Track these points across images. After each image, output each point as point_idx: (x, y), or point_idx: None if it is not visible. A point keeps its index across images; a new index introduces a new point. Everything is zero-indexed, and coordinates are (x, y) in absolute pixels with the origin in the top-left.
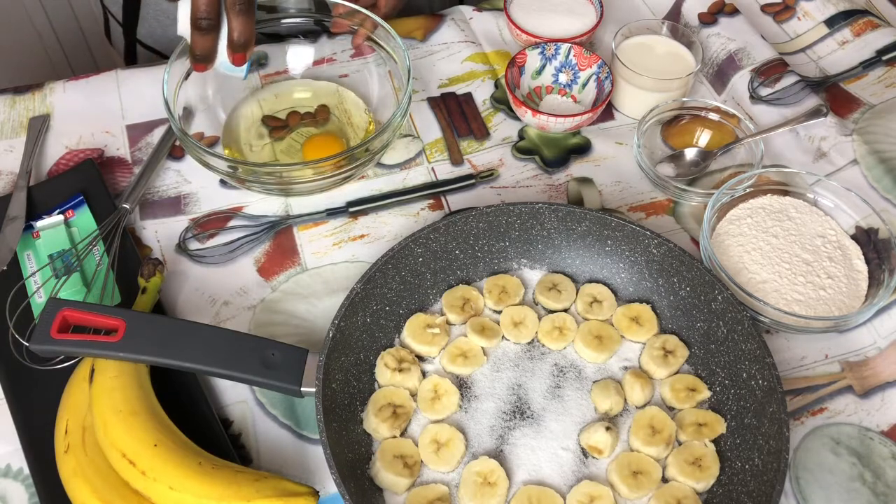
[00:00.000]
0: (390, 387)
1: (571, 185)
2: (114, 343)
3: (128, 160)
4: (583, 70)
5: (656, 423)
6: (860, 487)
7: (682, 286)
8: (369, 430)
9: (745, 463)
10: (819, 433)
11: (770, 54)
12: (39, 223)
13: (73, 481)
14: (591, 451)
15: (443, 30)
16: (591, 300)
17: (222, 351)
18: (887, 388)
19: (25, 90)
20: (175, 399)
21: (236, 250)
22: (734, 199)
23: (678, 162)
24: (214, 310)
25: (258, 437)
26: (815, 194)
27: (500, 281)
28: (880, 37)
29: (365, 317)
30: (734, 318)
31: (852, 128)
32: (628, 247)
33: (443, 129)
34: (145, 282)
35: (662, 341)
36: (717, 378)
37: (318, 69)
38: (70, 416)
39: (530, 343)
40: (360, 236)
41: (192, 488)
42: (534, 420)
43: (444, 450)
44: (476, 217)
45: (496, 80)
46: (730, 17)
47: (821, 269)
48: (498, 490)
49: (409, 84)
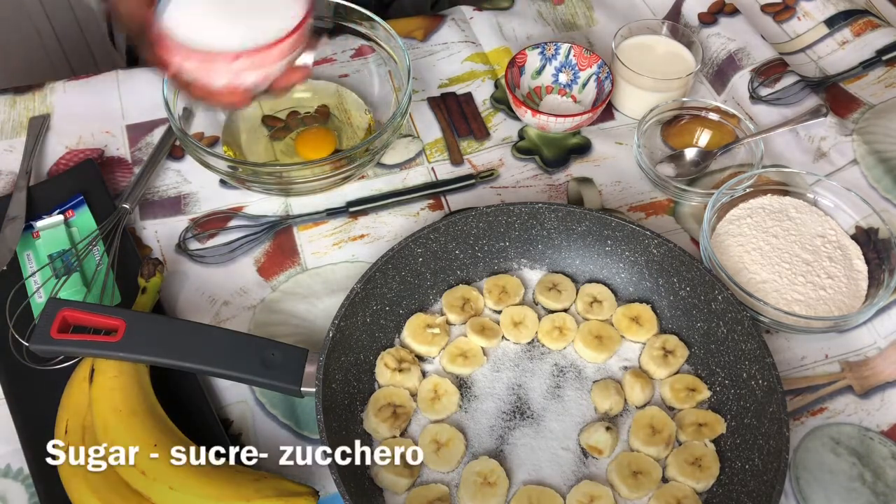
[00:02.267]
0: (390, 387)
1: (571, 185)
2: (114, 343)
3: (128, 160)
4: (583, 70)
5: (656, 423)
6: (860, 487)
7: (682, 286)
8: (369, 430)
9: (745, 463)
10: (819, 433)
11: (770, 54)
12: (39, 223)
13: (73, 481)
14: (591, 451)
15: (443, 30)
16: (591, 300)
17: (222, 351)
18: (887, 388)
19: (25, 90)
20: (175, 399)
21: (236, 250)
22: (734, 199)
23: (678, 162)
24: (214, 310)
25: (258, 437)
26: (815, 194)
27: (500, 281)
28: (880, 37)
29: (365, 317)
30: (734, 318)
31: (852, 128)
32: (628, 247)
33: (443, 129)
34: (145, 282)
35: (662, 341)
36: (717, 378)
37: (318, 69)
38: (70, 416)
39: (530, 343)
40: (360, 236)
41: (192, 488)
42: (534, 420)
43: (444, 450)
44: (476, 217)
45: (496, 80)
46: (730, 17)
47: (821, 269)
48: (498, 490)
49: (409, 84)
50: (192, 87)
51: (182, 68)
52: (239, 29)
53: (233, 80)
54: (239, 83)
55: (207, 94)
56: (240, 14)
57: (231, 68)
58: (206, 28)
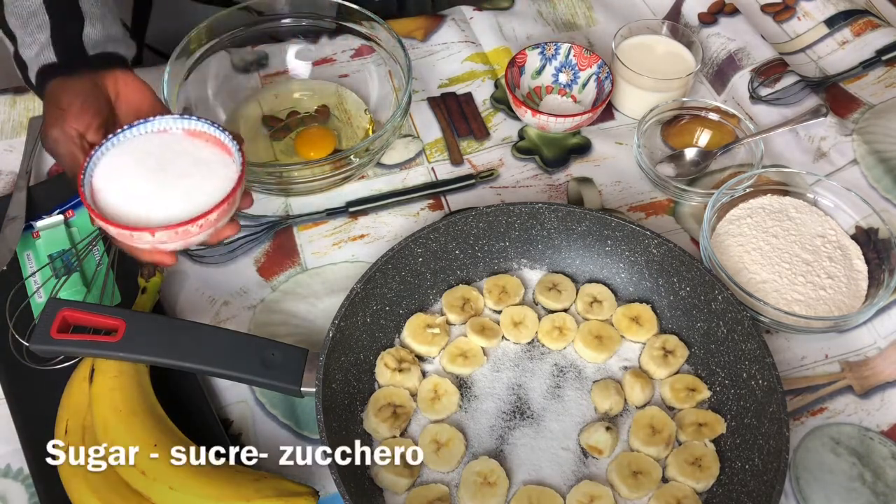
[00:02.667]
0: (390, 387)
1: (571, 185)
2: (114, 343)
3: None
4: (583, 70)
5: (656, 423)
6: (860, 487)
7: (682, 286)
8: (369, 430)
9: (745, 463)
10: (819, 433)
11: (770, 54)
12: (39, 223)
13: (73, 481)
14: (591, 451)
15: (443, 30)
16: (591, 300)
17: (222, 351)
18: (887, 388)
19: (25, 90)
20: (175, 399)
21: (236, 250)
22: (734, 199)
23: (678, 162)
24: (214, 310)
25: (258, 437)
26: (815, 194)
27: (500, 281)
28: (880, 37)
29: (365, 317)
30: (734, 318)
31: (852, 128)
32: (628, 247)
33: (443, 129)
34: (145, 282)
35: (662, 341)
36: (717, 378)
37: (318, 69)
38: (70, 416)
39: (530, 343)
40: (360, 236)
41: (192, 488)
42: (534, 420)
43: (444, 450)
44: (476, 217)
45: (496, 80)
46: (730, 17)
47: (821, 269)
48: (498, 490)
49: (409, 84)
50: (117, 242)
51: (106, 230)
52: (162, 201)
53: (155, 246)
54: (162, 248)
55: (130, 249)
56: (166, 183)
57: (152, 239)
58: (129, 197)
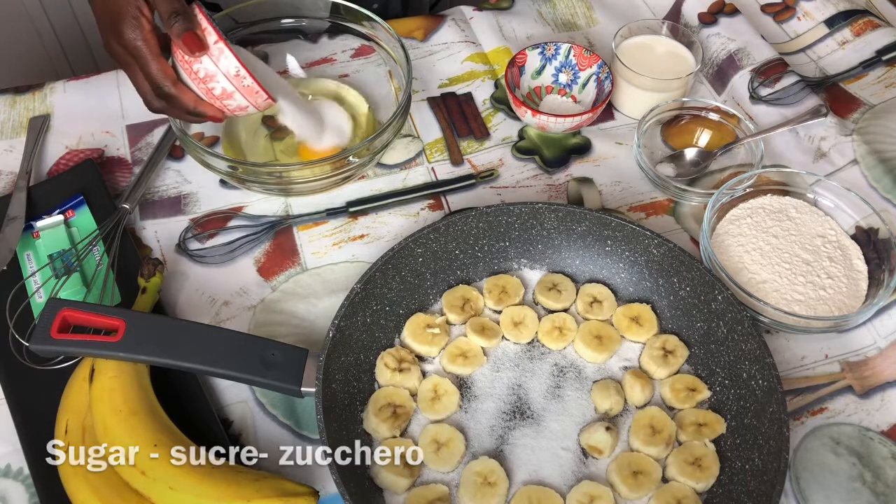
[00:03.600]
0: (390, 387)
1: (571, 185)
2: (114, 343)
3: (128, 160)
4: (583, 70)
5: (656, 423)
6: (860, 487)
7: (682, 286)
8: (369, 430)
9: (745, 463)
10: (819, 433)
11: (770, 54)
12: (39, 223)
13: (73, 481)
14: (591, 451)
15: (443, 30)
16: (591, 300)
17: (222, 351)
18: (887, 388)
19: (25, 90)
20: (175, 399)
21: (236, 250)
22: (734, 199)
23: (678, 162)
24: (214, 310)
25: (258, 437)
26: (815, 194)
27: (500, 281)
28: (880, 37)
29: (365, 317)
30: (734, 318)
31: (852, 128)
32: (628, 247)
33: (443, 129)
34: (145, 282)
35: (662, 341)
36: (717, 378)
37: (318, 69)
38: (70, 416)
39: (530, 343)
40: (360, 236)
41: (192, 488)
42: (534, 420)
43: (444, 450)
44: (476, 217)
45: (496, 80)
46: (730, 17)
47: (821, 269)
48: (498, 490)
49: (409, 84)
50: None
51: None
52: None
53: (229, 78)
54: (232, 84)
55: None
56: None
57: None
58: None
